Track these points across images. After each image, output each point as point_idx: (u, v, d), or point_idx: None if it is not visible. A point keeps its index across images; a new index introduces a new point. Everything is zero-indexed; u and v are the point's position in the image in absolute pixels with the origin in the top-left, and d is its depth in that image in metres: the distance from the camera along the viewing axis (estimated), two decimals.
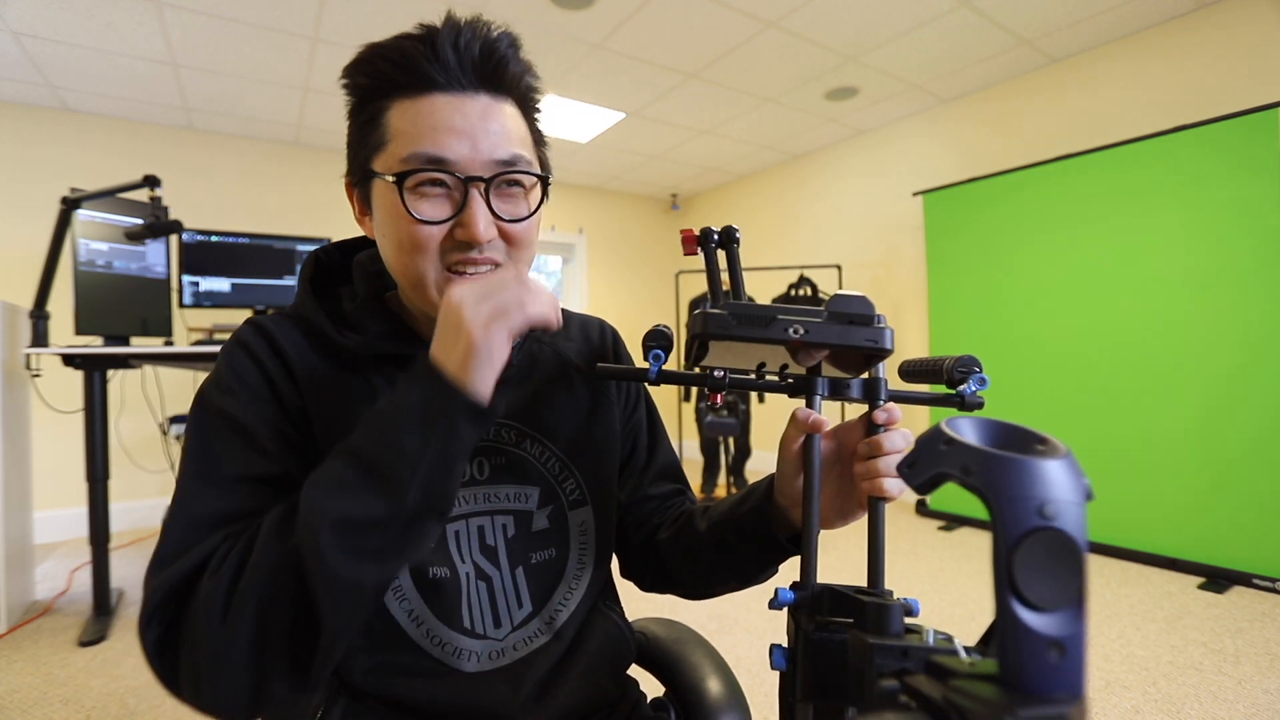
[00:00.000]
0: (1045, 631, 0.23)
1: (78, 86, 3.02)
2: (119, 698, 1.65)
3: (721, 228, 0.53)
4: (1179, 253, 2.52)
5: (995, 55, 2.97)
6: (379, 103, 0.53)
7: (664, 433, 0.77)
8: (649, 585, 0.73)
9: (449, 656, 0.56)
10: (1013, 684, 0.23)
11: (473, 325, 0.45)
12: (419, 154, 0.51)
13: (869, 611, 0.36)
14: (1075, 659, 0.23)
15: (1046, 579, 0.24)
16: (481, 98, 0.53)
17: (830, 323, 0.46)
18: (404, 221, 0.52)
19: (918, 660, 0.32)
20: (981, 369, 0.53)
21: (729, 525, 0.61)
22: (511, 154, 0.54)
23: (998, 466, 0.25)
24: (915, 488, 0.29)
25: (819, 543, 0.51)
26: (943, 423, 0.28)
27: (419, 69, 0.51)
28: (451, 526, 0.59)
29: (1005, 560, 0.24)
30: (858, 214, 4.05)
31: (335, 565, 0.41)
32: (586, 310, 4.95)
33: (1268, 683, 1.62)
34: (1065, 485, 0.25)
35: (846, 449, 0.54)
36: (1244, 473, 2.35)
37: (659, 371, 0.54)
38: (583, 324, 0.74)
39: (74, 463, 2.88)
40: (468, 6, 2.54)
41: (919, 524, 3.22)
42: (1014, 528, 0.24)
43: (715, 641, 0.76)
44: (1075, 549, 0.24)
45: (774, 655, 0.44)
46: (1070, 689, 0.23)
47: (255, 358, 0.55)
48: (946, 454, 0.27)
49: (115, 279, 2.24)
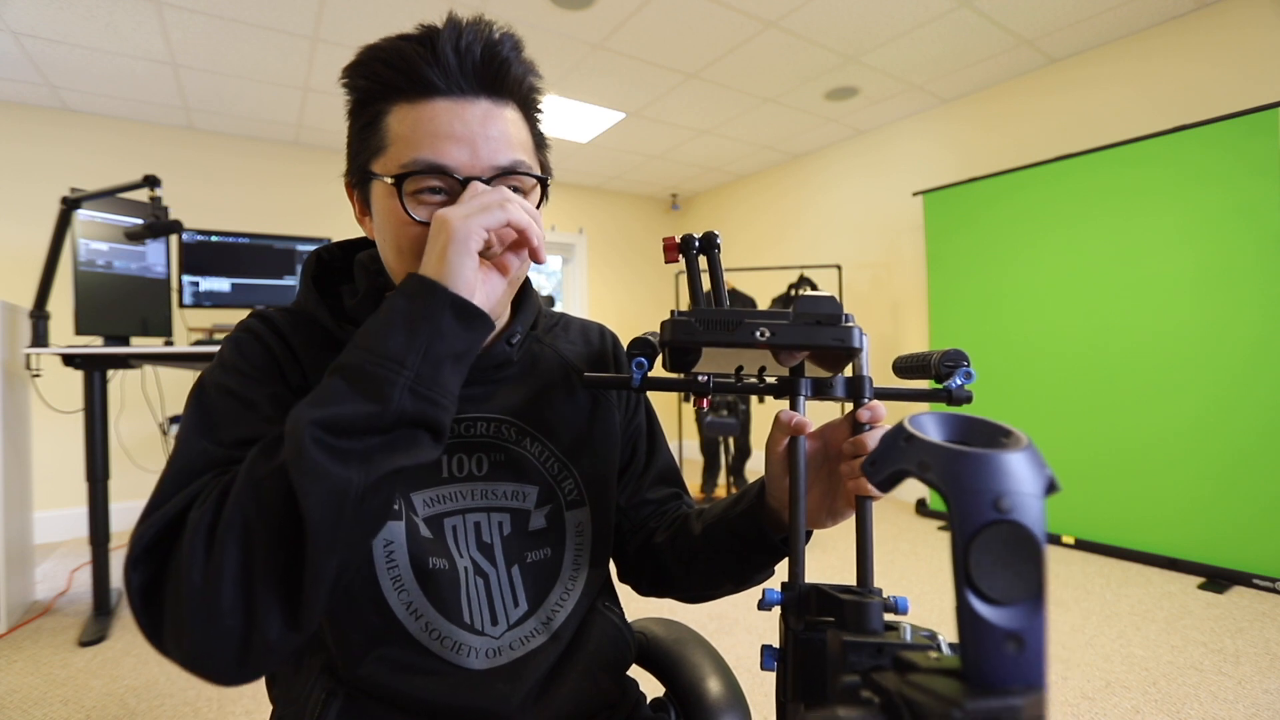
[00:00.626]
0: (1002, 624, 0.23)
1: (78, 86, 3.02)
2: (119, 698, 1.65)
3: (702, 234, 0.54)
4: (1179, 253, 2.52)
5: (995, 55, 2.97)
6: (378, 105, 0.53)
7: (663, 437, 0.77)
8: (646, 589, 0.73)
9: (449, 652, 0.56)
10: (972, 678, 0.24)
11: (452, 218, 0.47)
12: (419, 160, 0.51)
13: (847, 609, 0.36)
14: (1034, 651, 0.23)
15: (1003, 572, 0.24)
16: (482, 102, 0.53)
17: (797, 324, 0.46)
18: (403, 225, 0.52)
19: (890, 657, 0.32)
20: (969, 363, 0.53)
21: (722, 527, 0.62)
22: (512, 159, 0.54)
23: (952, 461, 0.25)
24: (876, 485, 0.29)
25: (812, 543, 0.51)
26: (905, 419, 0.29)
27: (419, 73, 0.51)
28: (449, 521, 0.59)
29: (962, 554, 0.24)
30: (858, 214, 4.05)
31: (322, 464, 0.40)
32: (586, 309, 4.98)
33: (1268, 683, 1.62)
34: (1023, 478, 0.25)
35: (833, 448, 0.54)
36: (1244, 473, 2.35)
37: (643, 379, 0.55)
38: (583, 328, 0.75)
39: (74, 463, 2.89)
40: (468, 6, 2.55)
41: (919, 524, 3.22)
42: (969, 522, 0.24)
43: (715, 641, 0.76)
44: (1032, 541, 0.24)
45: (764, 656, 0.44)
46: (1028, 681, 0.23)
47: (262, 341, 0.56)
48: (905, 450, 0.27)
49: (115, 279, 2.24)
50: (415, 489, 0.58)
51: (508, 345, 0.64)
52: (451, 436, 0.60)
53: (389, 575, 0.55)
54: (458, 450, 0.61)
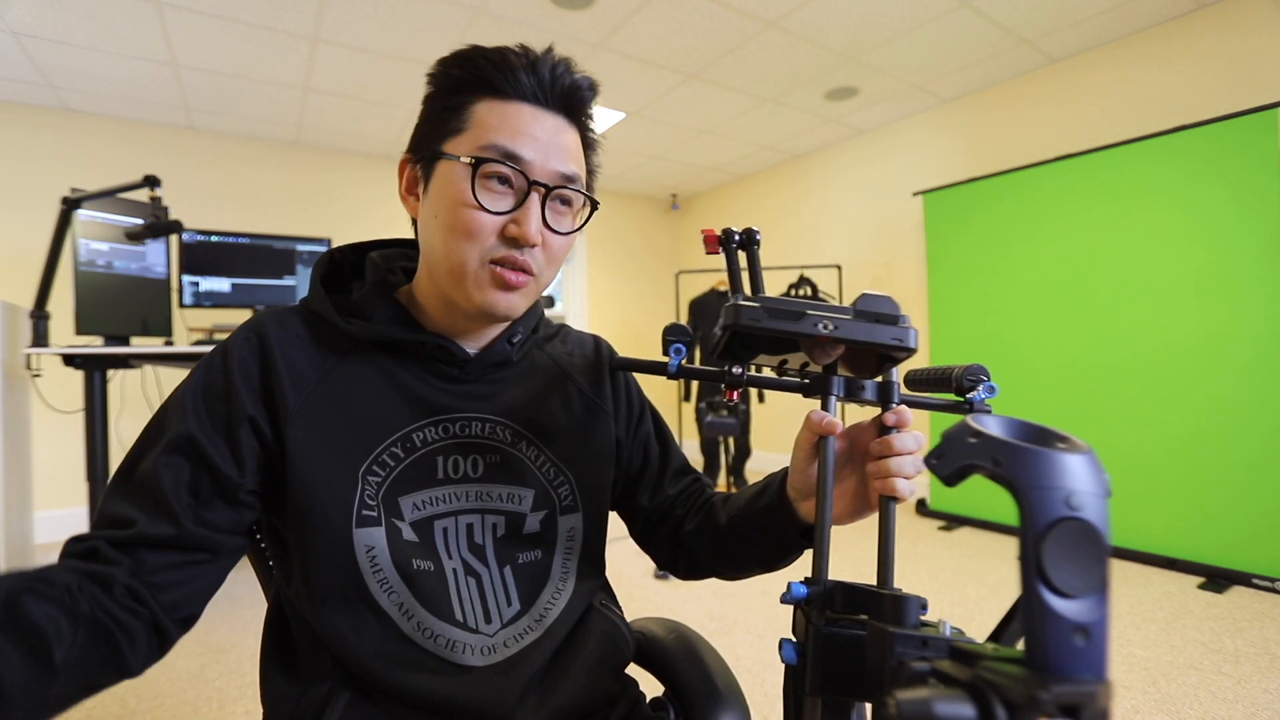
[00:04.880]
0: (1072, 617, 0.25)
1: (78, 86, 3.02)
2: (119, 697, 1.65)
3: (743, 229, 0.55)
4: (1179, 253, 2.52)
5: (995, 55, 2.97)
6: (467, 95, 0.57)
7: (671, 436, 0.79)
8: (684, 573, 0.74)
9: (444, 650, 0.56)
10: (1039, 667, 0.24)
11: None
12: (497, 145, 0.54)
13: (886, 603, 0.37)
14: (1099, 643, 0.25)
15: (1072, 567, 0.25)
16: (559, 118, 0.58)
17: (858, 320, 0.46)
18: (464, 206, 0.54)
19: (938, 649, 0.33)
20: (990, 378, 0.54)
21: (746, 519, 0.63)
22: (573, 171, 0.58)
23: (1028, 458, 0.26)
24: (943, 479, 0.30)
25: (820, 540, 0.51)
26: (967, 418, 0.30)
27: (516, 77, 0.56)
28: (440, 523, 0.59)
29: (1034, 548, 0.25)
30: (858, 214, 4.05)
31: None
32: (586, 309, 4.98)
33: (1267, 683, 1.62)
34: (1089, 479, 0.26)
35: (859, 449, 0.55)
36: (1243, 473, 2.35)
37: (679, 366, 0.55)
38: (580, 339, 0.76)
39: (74, 463, 2.88)
40: (467, 7, 2.54)
41: (919, 524, 3.22)
42: (1042, 517, 0.25)
43: (715, 641, 0.76)
44: (1099, 539, 0.26)
45: (784, 649, 0.44)
46: (1095, 671, 0.24)
47: (240, 360, 0.56)
48: (976, 447, 0.28)
49: (115, 279, 2.24)
50: (406, 493, 0.58)
51: (509, 344, 0.64)
52: (447, 436, 0.61)
53: (375, 579, 0.55)
54: (453, 451, 0.61)
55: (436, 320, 0.62)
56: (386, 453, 0.58)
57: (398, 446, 0.59)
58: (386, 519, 0.57)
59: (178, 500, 0.51)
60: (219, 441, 0.53)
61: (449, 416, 0.61)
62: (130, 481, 0.52)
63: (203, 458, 0.52)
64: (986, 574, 2.48)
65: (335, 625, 0.55)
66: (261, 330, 0.58)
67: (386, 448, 0.58)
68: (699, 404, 3.68)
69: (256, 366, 0.56)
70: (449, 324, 0.62)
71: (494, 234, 0.55)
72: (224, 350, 0.57)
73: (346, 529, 0.55)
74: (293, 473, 0.54)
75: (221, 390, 0.55)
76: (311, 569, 0.55)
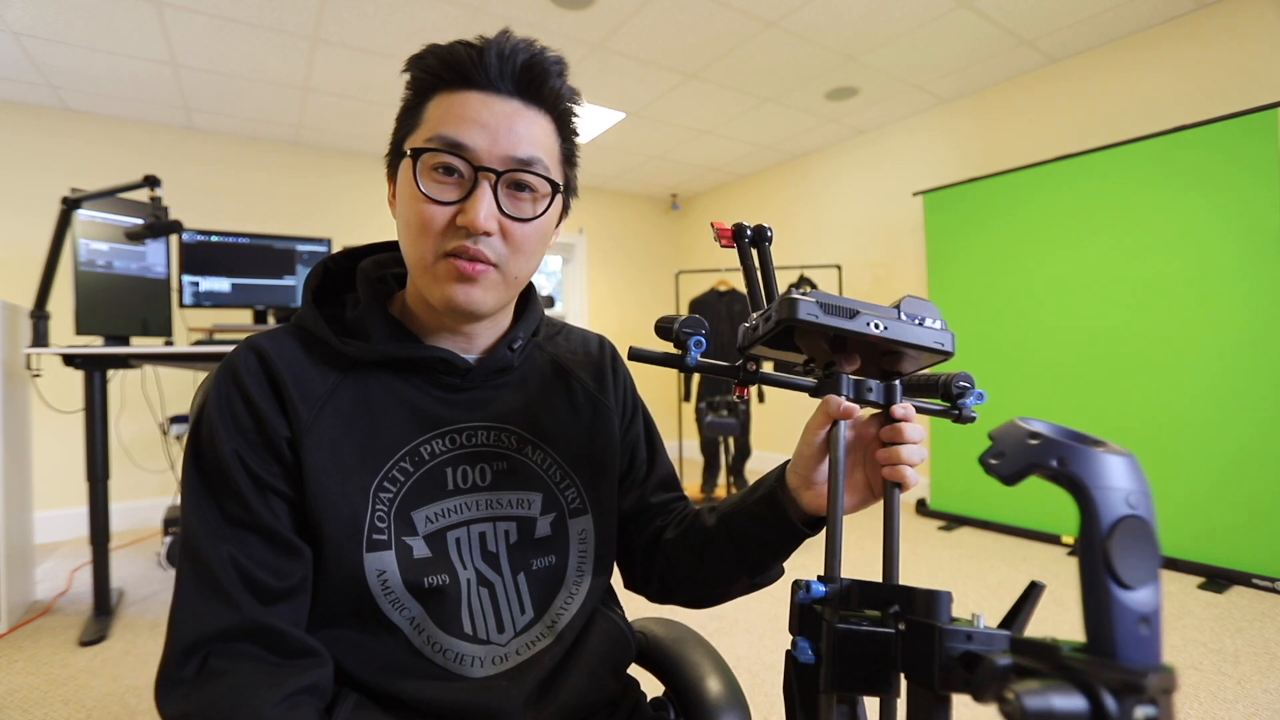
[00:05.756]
0: (1135, 607, 0.27)
1: (78, 86, 3.02)
2: (119, 698, 1.65)
3: (754, 225, 0.55)
4: (1178, 253, 2.52)
5: (995, 55, 2.97)
6: (424, 94, 0.57)
7: (662, 444, 0.77)
8: (656, 594, 0.72)
9: (452, 663, 0.56)
10: (1108, 654, 0.26)
11: None
12: (440, 136, 0.54)
13: (919, 598, 0.38)
14: (1157, 631, 0.27)
15: (1135, 560, 0.27)
16: (514, 102, 0.56)
17: (905, 322, 0.47)
18: (414, 200, 0.54)
19: (983, 643, 0.34)
20: (974, 385, 0.56)
21: (740, 513, 0.61)
22: (530, 154, 0.55)
23: (1092, 460, 0.29)
24: (1004, 478, 0.31)
25: (833, 537, 0.51)
26: (1017, 420, 0.31)
27: (462, 68, 0.54)
28: (453, 533, 0.59)
29: (1100, 545, 0.27)
30: (858, 214, 4.05)
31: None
32: (587, 309, 4.98)
33: (1267, 683, 1.62)
34: (1139, 479, 0.29)
35: (863, 440, 0.55)
36: (1243, 472, 2.35)
37: (697, 360, 0.54)
38: (584, 337, 0.75)
39: (74, 463, 2.89)
40: (467, 7, 2.53)
41: (920, 524, 3.22)
42: (1108, 515, 0.28)
43: (715, 641, 0.76)
44: (1153, 534, 0.28)
45: (798, 647, 0.44)
46: (1155, 657, 0.26)
47: (253, 381, 0.55)
48: (1036, 449, 0.30)
49: (115, 279, 2.24)
50: (418, 506, 0.58)
51: (509, 350, 0.64)
52: (454, 446, 0.60)
53: (387, 600, 0.55)
54: (461, 462, 0.60)
55: (428, 325, 0.61)
56: (396, 469, 0.58)
57: (406, 461, 0.58)
58: (397, 539, 0.56)
59: (273, 574, 0.52)
60: (271, 499, 0.53)
61: (455, 427, 0.61)
62: (220, 584, 0.51)
63: (261, 527, 0.52)
64: (986, 574, 2.48)
65: (344, 638, 0.55)
66: (258, 348, 0.57)
67: (396, 464, 0.58)
68: (699, 404, 3.68)
69: (266, 384, 0.55)
70: (440, 327, 0.61)
71: (445, 225, 0.54)
72: (232, 376, 0.55)
73: (357, 554, 0.54)
74: (306, 489, 0.54)
75: (251, 425, 0.54)
76: (319, 588, 0.54)
